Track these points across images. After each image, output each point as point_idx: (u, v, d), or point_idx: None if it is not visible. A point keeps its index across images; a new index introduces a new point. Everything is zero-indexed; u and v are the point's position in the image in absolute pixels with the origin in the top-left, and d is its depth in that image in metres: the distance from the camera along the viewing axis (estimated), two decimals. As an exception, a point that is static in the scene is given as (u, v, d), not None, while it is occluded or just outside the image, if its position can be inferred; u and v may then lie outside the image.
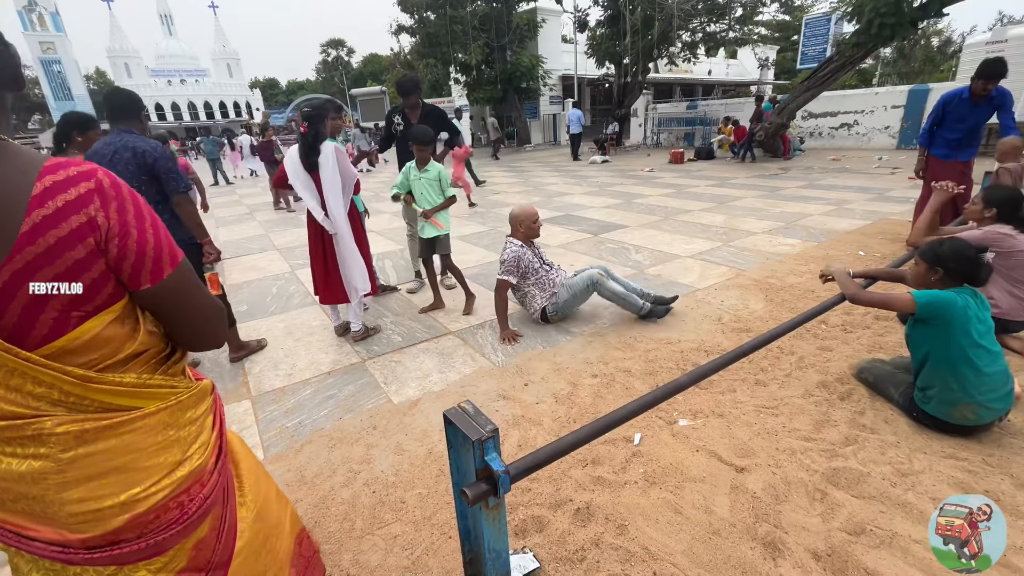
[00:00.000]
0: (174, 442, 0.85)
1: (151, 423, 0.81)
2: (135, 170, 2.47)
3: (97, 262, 0.72)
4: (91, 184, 0.72)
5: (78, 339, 0.72)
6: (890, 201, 6.68)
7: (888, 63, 30.00)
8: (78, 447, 0.74)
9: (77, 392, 0.73)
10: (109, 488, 0.77)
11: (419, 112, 3.96)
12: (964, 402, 1.91)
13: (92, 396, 0.74)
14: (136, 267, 0.76)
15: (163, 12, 49.97)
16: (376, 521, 1.78)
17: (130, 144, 2.47)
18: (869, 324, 3.08)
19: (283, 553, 1.15)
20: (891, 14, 8.89)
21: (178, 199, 2.59)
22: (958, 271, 1.96)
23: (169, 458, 0.83)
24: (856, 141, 13.74)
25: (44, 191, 0.68)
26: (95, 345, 0.75)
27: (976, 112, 4.07)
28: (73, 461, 0.73)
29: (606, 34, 17.23)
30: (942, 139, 4.30)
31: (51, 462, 0.72)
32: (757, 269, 4.23)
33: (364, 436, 2.27)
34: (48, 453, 0.72)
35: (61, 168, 0.71)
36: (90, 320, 0.73)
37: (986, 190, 2.72)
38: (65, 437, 0.72)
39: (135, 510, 0.79)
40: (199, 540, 0.90)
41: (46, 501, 0.74)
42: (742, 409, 2.30)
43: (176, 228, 2.59)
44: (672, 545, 1.60)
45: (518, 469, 1.08)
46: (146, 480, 0.80)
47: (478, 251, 5.35)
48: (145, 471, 0.80)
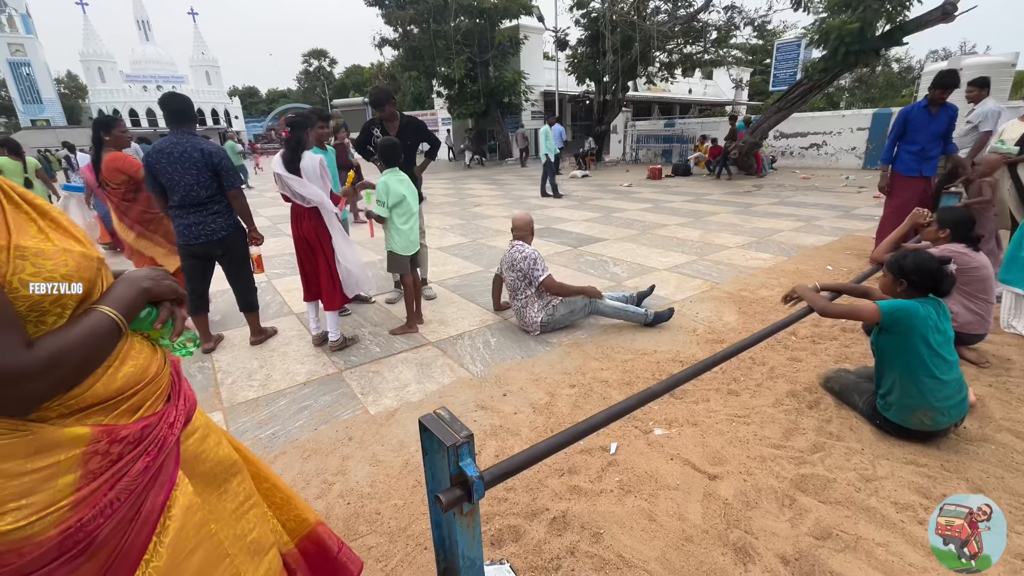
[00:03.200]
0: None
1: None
2: (203, 167, 2.87)
3: None
4: None
5: None
6: (856, 218, 6.96)
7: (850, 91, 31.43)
8: None
9: None
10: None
11: (397, 124, 3.93)
12: (922, 408, 2.00)
13: None
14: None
15: (140, 18, 49.11)
16: (350, 533, 1.75)
17: (198, 145, 2.86)
18: (836, 336, 3.19)
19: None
20: (855, 41, 9.35)
21: (233, 193, 3.01)
22: (921, 282, 2.05)
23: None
24: (825, 161, 14.30)
25: None
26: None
27: (935, 121, 4.35)
28: None
29: (586, 53, 17.65)
30: (904, 153, 4.53)
31: None
32: (731, 282, 4.35)
33: (339, 447, 2.24)
34: None
35: None
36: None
37: (939, 211, 2.87)
38: None
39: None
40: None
41: None
42: (715, 418, 2.35)
43: (229, 215, 3.06)
44: (646, 552, 1.62)
45: (493, 475, 1.09)
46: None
47: (458, 262, 5.37)
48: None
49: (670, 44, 16.31)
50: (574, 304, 3.39)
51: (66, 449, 0.74)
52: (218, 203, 2.99)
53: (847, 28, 9.20)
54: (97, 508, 0.77)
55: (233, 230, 3.07)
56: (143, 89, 44.89)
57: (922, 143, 4.40)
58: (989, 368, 2.70)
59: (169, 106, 2.87)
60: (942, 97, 4.24)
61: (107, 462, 0.78)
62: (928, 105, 4.35)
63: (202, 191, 2.91)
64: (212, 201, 2.96)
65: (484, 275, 4.83)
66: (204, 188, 2.91)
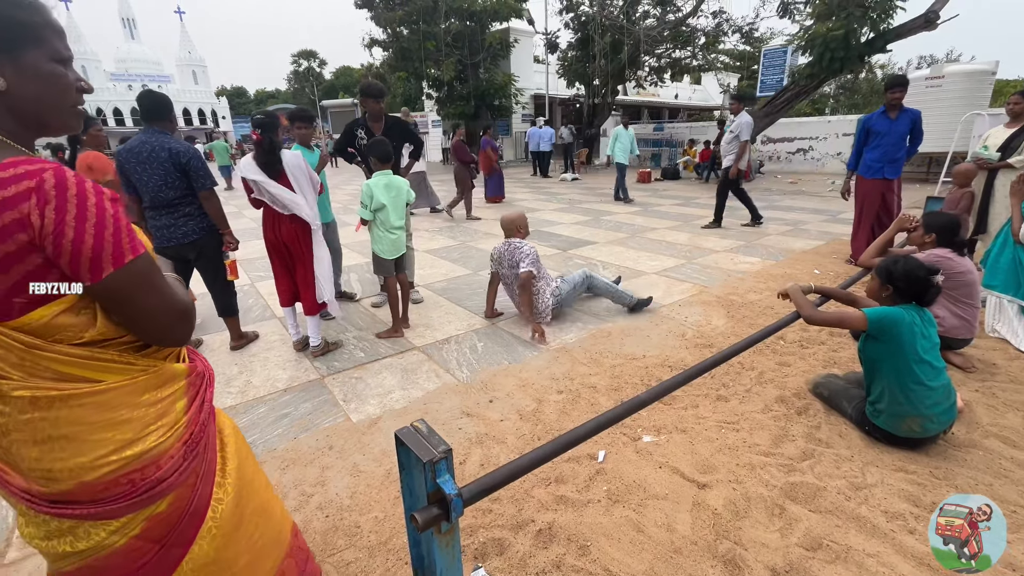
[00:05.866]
0: (125, 422, 0.87)
1: (101, 400, 0.84)
2: (171, 167, 2.76)
3: (30, 257, 0.75)
4: (31, 183, 0.73)
5: (31, 324, 0.77)
6: (842, 223, 7.02)
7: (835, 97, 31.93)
8: (32, 411, 0.79)
9: (28, 357, 0.78)
10: (59, 453, 0.82)
11: (382, 124, 3.86)
12: (911, 415, 1.98)
13: (43, 363, 0.79)
14: (73, 265, 0.77)
15: (125, 16, 48.39)
16: (328, 547, 1.69)
17: (166, 144, 2.75)
18: (824, 340, 3.18)
19: (268, 541, 1.14)
20: (840, 48, 9.50)
21: (204, 194, 2.89)
22: (906, 290, 2.04)
23: (118, 436, 0.86)
24: (811, 165, 14.48)
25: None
26: (52, 330, 0.79)
27: (896, 125, 4.45)
28: (28, 423, 0.80)
29: (576, 56, 17.71)
30: (868, 159, 4.64)
31: (11, 421, 0.79)
32: (719, 286, 4.34)
33: (319, 457, 2.17)
34: (8, 412, 0.79)
35: (11, 166, 0.73)
36: (38, 309, 0.77)
37: (925, 216, 2.88)
38: (21, 401, 0.78)
39: (82, 478, 0.84)
40: (155, 515, 0.92)
41: (11, 453, 0.82)
42: (704, 424, 2.31)
43: (202, 218, 2.93)
44: (634, 565, 1.58)
45: (472, 492, 1.03)
46: (92, 452, 0.84)
47: (446, 265, 5.30)
48: (92, 444, 0.84)
49: (659, 48, 16.43)
50: (573, 280, 3.61)
51: (177, 380, 0.96)
52: (189, 204, 2.89)
53: (832, 35, 9.33)
54: (197, 425, 0.98)
55: (205, 233, 2.96)
56: (128, 88, 44.13)
57: (885, 147, 4.52)
58: (975, 373, 2.71)
59: (143, 104, 2.80)
60: (894, 98, 4.39)
61: (194, 391, 1.00)
62: (887, 110, 4.47)
63: (170, 192, 2.81)
64: (182, 203, 2.86)
65: (472, 278, 4.77)
66: (172, 189, 2.80)
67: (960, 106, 9.87)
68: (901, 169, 4.59)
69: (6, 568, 1.65)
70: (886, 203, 4.63)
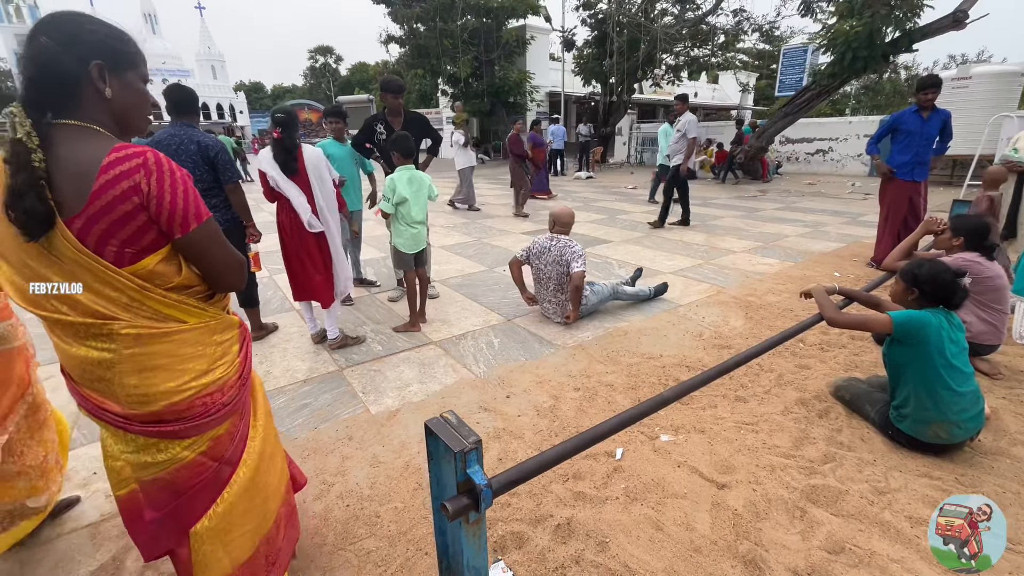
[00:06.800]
0: (202, 355, 1.13)
1: (186, 337, 1.10)
2: (199, 160, 2.83)
3: (139, 216, 1.00)
4: (139, 160, 0.99)
5: (140, 270, 1.02)
6: (863, 225, 6.90)
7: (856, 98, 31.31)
8: (135, 347, 1.04)
9: (138, 298, 1.03)
10: (153, 380, 1.07)
11: (401, 119, 3.88)
12: (938, 421, 1.95)
13: (148, 303, 1.04)
14: (170, 222, 1.03)
15: (147, 11, 49.13)
16: (349, 536, 1.71)
17: (195, 138, 2.82)
18: (845, 344, 3.14)
19: (274, 486, 1.36)
20: (863, 47, 9.30)
21: (231, 187, 2.96)
22: (933, 293, 2.01)
23: (196, 367, 1.12)
24: (831, 167, 14.24)
25: (107, 164, 0.96)
26: (154, 277, 1.04)
27: (927, 126, 4.35)
28: (131, 356, 1.04)
29: (593, 54, 17.59)
30: (898, 160, 4.53)
31: (117, 355, 1.03)
32: (737, 287, 4.30)
33: (339, 447, 2.20)
34: (115, 348, 1.03)
35: (122, 149, 0.99)
36: (144, 259, 1.03)
37: (953, 219, 2.82)
38: (127, 338, 1.03)
39: (171, 399, 1.09)
40: (216, 436, 1.19)
41: (113, 383, 1.05)
42: (723, 425, 2.30)
43: (226, 210, 2.99)
44: (653, 563, 1.58)
45: (500, 483, 1.04)
46: (180, 379, 1.09)
47: (462, 261, 5.32)
48: (178, 372, 1.09)
49: (677, 47, 16.25)
50: (602, 293, 3.66)
51: (232, 328, 1.22)
52: (215, 196, 2.93)
53: (855, 33, 9.14)
54: (245, 367, 1.25)
55: (230, 225, 3.00)
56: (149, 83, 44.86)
57: (916, 148, 4.42)
58: (1002, 380, 2.65)
59: (170, 98, 2.85)
60: (927, 99, 4.29)
61: (241, 340, 1.26)
62: (919, 110, 4.37)
63: (198, 184, 2.82)
64: (208, 195, 2.90)
65: (488, 275, 4.79)
66: (200, 181, 2.85)
67: (988, 108, 9.63)
68: (928, 172, 4.51)
69: (40, 546, 1.71)
70: (913, 206, 4.54)
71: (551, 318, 3.59)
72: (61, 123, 0.98)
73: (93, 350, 1.03)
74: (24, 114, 0.95)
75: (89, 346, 1.03)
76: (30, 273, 0.98)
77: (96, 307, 1.00)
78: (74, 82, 0.98)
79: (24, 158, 0.92)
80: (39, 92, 0.96)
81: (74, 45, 0.97)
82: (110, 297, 1.01)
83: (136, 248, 1.01)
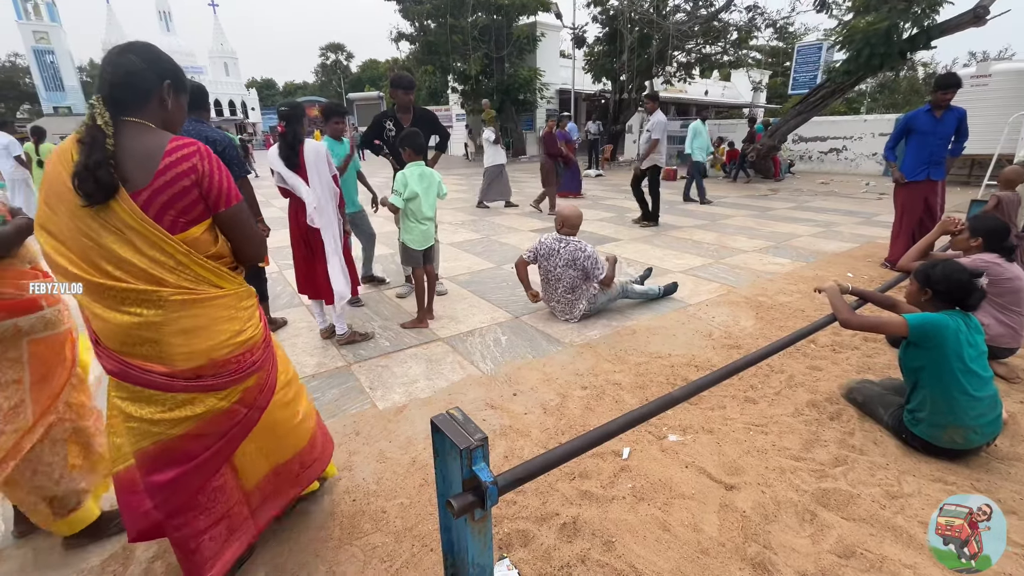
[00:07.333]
0: (235, 318, 1.34)
1: (223, 302, 1.31)
2: None
3: (194, 191, 1.23)
4: (195, 148, 1.25)
5: (188, 237, 1.24)
6: (877, 225, 6.79)
7: (872, 96, 30.78)
8: (181, 310, 1.24)
9: (184, 261, 1.23)
10: (197, 338, 1.27)
11: (411, 116, 3.87)
12: (953, 425, 1.91)
13: (191, 267, 1.24)
14: (215, 198, 1.28)
15: (162, 8, 49.61)
16: (355, 531, 1.71)
17: (204, 133, 2.80)
18: (858, 345, 3.09)
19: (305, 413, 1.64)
20: (881, 44, 9.13)
21: (239, 182, 2.94)
22: (947, 294, 1.96)
23: (232, 327, 1.33)
24: (844, 166, 14.03)
25: (170, 149, 1.22)
26: (197, 244, 1.26)
27: (941, 125, 4.25)
28: (178, 319, 1.24)
29: (603, 51, 17.46)
30: (911, 160, 4.44)
31: (166, 318, 1.22)
32: (748, 287, 4.25)
33: (346, 442, 2.21)
34: (164, 312, 1.22)
35: (180, 139, 1.25)
36: (193, 227, 1.25)
37: (971, 219, 2.76)
38: (174, 303, 1.23)
39: (212, 356, 1.29)
40: (247, 388, 1.39)
41: (161, 343, 1.23)
42: (732, 426, 2.27)
43: None
44: (660, 564, 1.56)
45: (506, 480, 1.03)
46: (218, 338, 1.30)
47: (470, 258, 5.32)
48: (218, 332, 1.30)
49: (689, 44, 16.08)
50: (611, 293, 3.63)
51: (253, 297, 1.44)
52: None
53: (873, 29, 8.98)
54: (267, 330, 1.48)
55: None
56: (163, 79, 45.33)
57: (930, 148, 4.32)
58: (1020, 384, 2.59)
59: None
60: (943, 99, 4.18)
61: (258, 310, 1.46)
62: (932, 109, 4.27)
63: None
64: None
65: (496, 272, 4.78)
66: None
67: (1007, 106, 9.41)
68: (945, 171, 4.41)
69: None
70: (929, 206, 4.45)
71: (558, 316, 3.57)
72: (129, 120, 1.22)
73: (141, 317, 1.20)
74: (103, 106, 1.18)
75: (136, 313, 1.20)
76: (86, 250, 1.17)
77: (150, 271, 1.19)
78: (148, 91, 1.25)
79: (100, 141, 1.15)
80: (121, 94, 1.22)
81: (155, 65, 1.26)
82: (160, 261, 1.20)
83: (187, 219, 1.24)
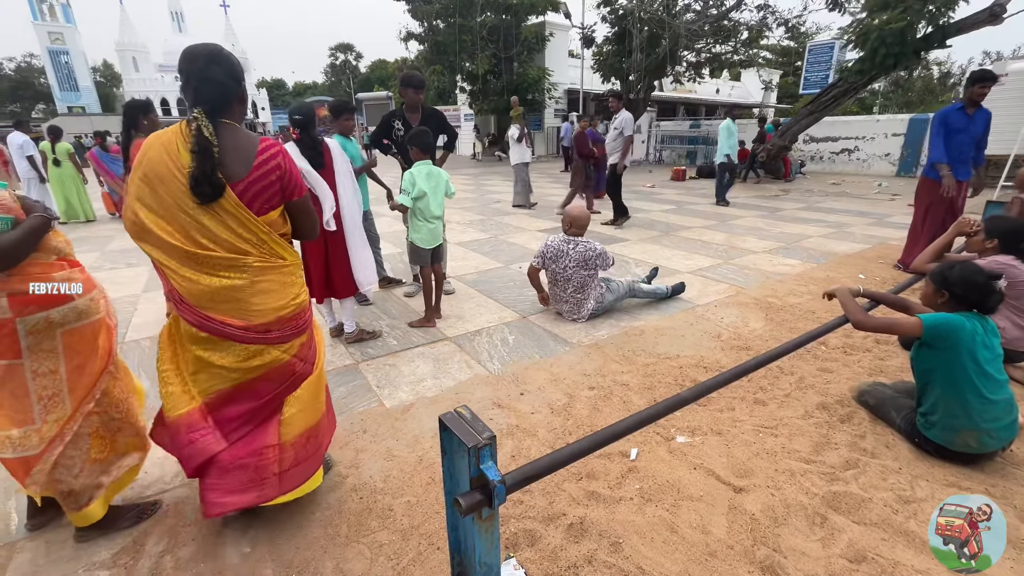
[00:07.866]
0: (292, 284, 1.60)
1: (288, 270, 1.58)
2: None
3: (277, 183, 1.51)
4: (278, 148, 1.53)
5: (268, 219, 1.52)
6: (890, 227, 6.71)
7: (885, 95, 30.37)
8: (259, 276, 1.50)
9: (264, 238, 1.50)
10: (268, 298, 1.53)
11: (419, 115, 3.88)
12: (967, 429, 1.88)
13: (268, 243, 1.52)
14: (291, 190, 1.57)
15: (174, 9, 50.22)
16: (362, 528, 1.72)
17: None
18: (870, 347, 3.05)
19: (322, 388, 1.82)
20: (895, 43, 9.01)
21: None
22: (964, 296, 1.93)
23: (292, 291, 1.59)
24: (856, 167, 13.87)
25: (263, 148, 1.49)
26: (274, 224, 1.55)
27: (973, 124, 4.16)
28: (256, 282, 1.50)
29: (612, 51, 17.37)
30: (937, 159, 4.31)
31: (247, 282, 1.49)
32: (757, 288, 4.21)
33: (354, 440, 2.22)
34: (247, 276, 1.48)
35: (266, 140, 1.52)
36: (272, 211, 1.53)
37: (987, 220, 2.71)
38: (255, 268, 1.49)
39: (279, 313, 1.55)
40: (302, 343, 1.65)
41: (243, 302, 1.49)
42: (741, 428, 2.25)
43: None
44: (668, 566, 1.55)
45: (514, 479, 1.03)
46: (284, 299, 1.56)
47: (478, 257, 5.32)
48: (284, 294, 1.56)
49: (699, 43, 15.97)
50: (619, 291, 3.64)
51: (301, 269, 1.68)
52: None
53: (888, 28, 8.86)
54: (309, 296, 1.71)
55: None
56: (175, 79, 45.78)
57: (960, 146, 4.21)
58: (1037, 388, 2.54)
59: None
60: (981, 93, 4.08)
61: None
62: (965, 106, 4.16)
63: None
64: None
65: (504, 272, 4.78)
66: None
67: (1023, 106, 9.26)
68: (970, 172, 4.31)
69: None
70: (952, 207, 4.36)
71: (566, 316, 3.57)
72: (223, 121, 1.46)
73: (230, 279, 1.46)
74: (205, 117, 1.40)
75: (226, 276, 1.45)
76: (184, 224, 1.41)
77: (236, 244, 1.45)
78: (231, 96, 1.49)
79: (209, 151, 1.37)
80: (216, 102, 1.45)
81: (234, 71, 1.49)
82: (245, 237, 1.47)
83: (269, 205, 1.51)
